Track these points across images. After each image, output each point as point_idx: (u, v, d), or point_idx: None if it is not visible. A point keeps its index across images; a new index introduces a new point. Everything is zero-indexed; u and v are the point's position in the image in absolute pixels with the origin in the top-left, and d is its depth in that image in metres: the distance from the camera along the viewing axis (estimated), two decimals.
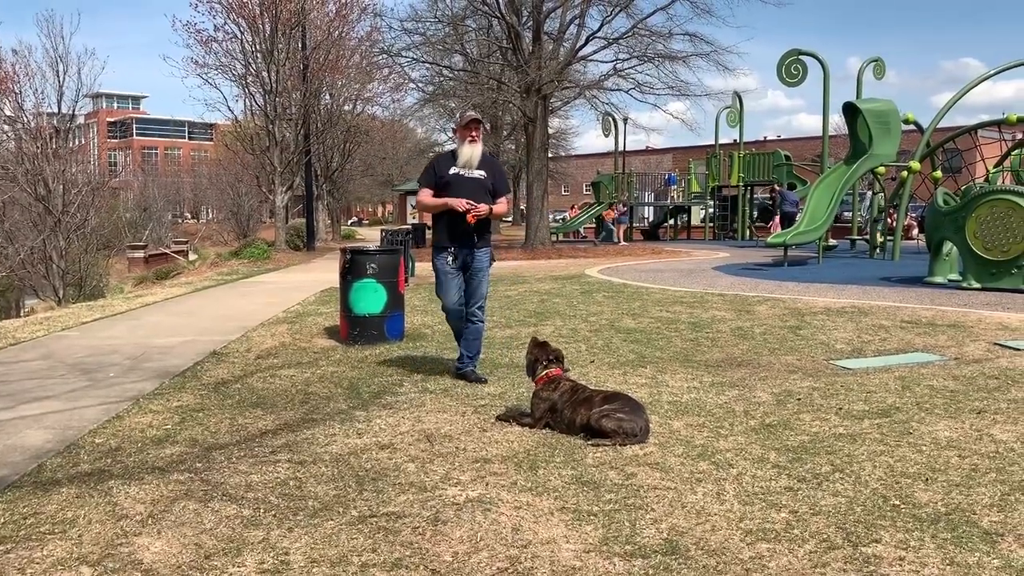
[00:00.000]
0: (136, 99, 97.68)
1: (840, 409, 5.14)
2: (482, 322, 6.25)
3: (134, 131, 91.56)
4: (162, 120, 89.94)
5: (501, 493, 3.65)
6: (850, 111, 17.25)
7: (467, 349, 6.23)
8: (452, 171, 5.95)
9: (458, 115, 6.53)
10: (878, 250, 18.47)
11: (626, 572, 2.87)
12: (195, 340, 8.31)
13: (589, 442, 4.39)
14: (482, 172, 6.01)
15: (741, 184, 29.25)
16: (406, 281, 8.17)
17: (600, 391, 4.77)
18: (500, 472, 3.95)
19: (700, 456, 4.17)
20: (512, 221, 57.55)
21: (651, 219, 33.99)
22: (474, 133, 5.96)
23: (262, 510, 3.50)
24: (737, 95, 29.24)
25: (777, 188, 25.57)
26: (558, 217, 38.91)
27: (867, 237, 21.39)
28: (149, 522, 3.39)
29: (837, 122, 29.48)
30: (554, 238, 27.91)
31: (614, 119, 30.12)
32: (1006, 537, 3.10)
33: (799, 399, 5.43)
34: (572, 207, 40.08)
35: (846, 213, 24.75)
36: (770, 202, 28.56)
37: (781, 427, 4.72)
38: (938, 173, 18.19)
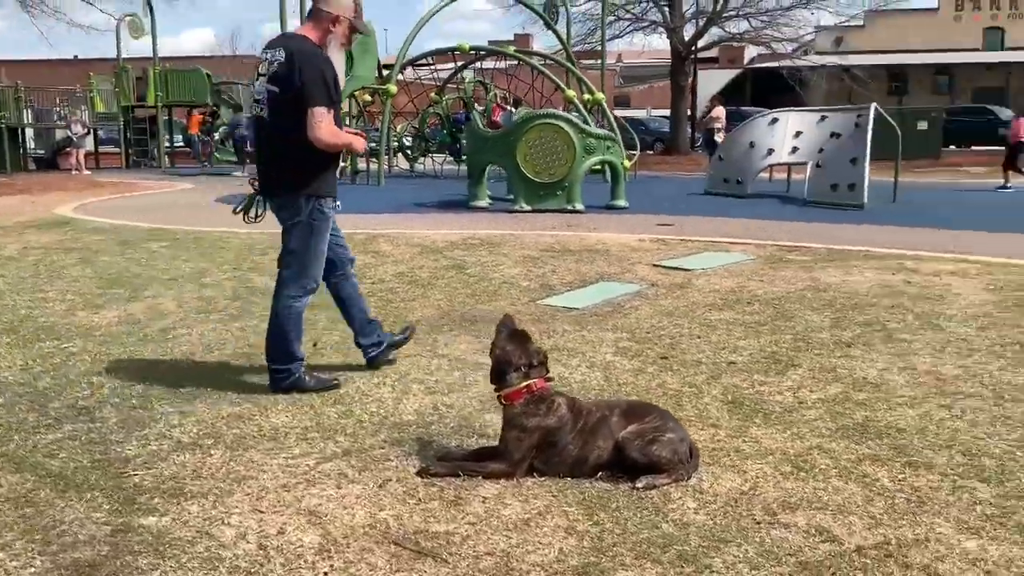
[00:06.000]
0: None
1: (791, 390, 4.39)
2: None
3: None
4: None
5: None
6: None
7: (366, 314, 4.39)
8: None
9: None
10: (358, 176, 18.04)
11: None
12: None
13: (639, 485, 2.86)
14: None
15: (160, 104, 25.92)
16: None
17: (607, 402, 3.17)
18: None
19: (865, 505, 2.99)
20: None
21: (55, 143, 27.71)
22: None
23: None
24: (147, 1, 25.52)
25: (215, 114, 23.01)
26: None
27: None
28: None
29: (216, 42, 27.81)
30: None
31: None
32: None
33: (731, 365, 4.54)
34: None
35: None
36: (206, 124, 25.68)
37: (857, 416, 3.78)
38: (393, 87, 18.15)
